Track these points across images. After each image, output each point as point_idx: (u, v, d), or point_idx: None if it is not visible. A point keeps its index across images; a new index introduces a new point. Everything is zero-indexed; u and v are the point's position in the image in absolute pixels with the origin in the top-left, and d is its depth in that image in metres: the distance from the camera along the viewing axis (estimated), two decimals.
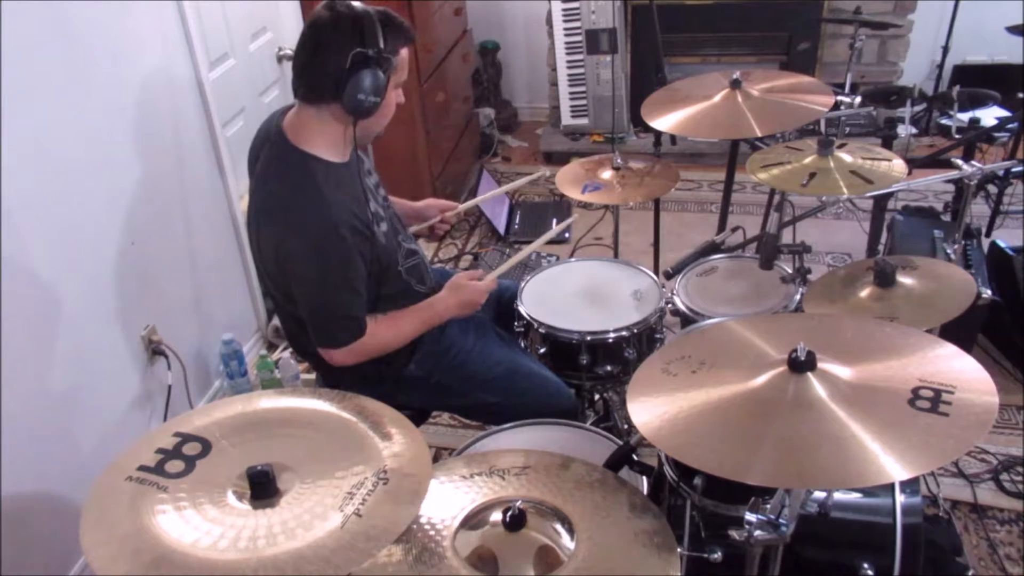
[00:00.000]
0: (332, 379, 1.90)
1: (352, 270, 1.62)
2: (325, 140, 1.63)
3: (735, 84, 2.17)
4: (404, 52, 1.62)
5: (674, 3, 4.06)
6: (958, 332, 1.54)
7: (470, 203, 2.27)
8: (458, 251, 3.66)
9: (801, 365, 1.11)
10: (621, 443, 1.48)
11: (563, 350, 1.94)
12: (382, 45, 1.55)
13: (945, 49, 3.86)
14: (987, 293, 1.84)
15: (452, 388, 1.86)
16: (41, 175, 1.93)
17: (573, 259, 2.33)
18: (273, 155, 1.65)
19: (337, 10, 1.55)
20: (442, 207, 2.12)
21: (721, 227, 2.99)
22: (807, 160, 1.89)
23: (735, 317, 1.78)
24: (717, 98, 2.17)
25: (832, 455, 1.00)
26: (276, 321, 3.05)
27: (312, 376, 2.79)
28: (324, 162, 1.63)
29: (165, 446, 1.16)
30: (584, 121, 4.38)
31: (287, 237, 1.59)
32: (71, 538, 1.10)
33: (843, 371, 1.12)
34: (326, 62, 1.54)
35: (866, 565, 1.35)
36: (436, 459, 2.31)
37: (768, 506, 1.18)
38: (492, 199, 3.88)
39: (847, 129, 3.10)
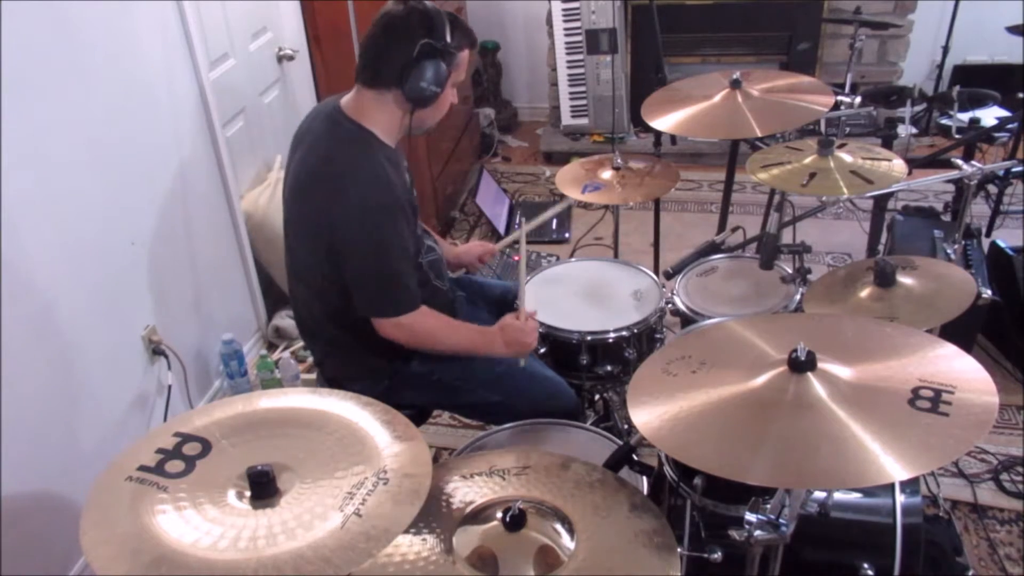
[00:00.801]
0: (333, 378, 1.90)
1: (407, 241, 1.68)
2: (382, 123, 1.70)
3: (735, 84, 2.17)
4: (465, 53, 1.71)
5: (674, 3, 4.06)
6: (958, 332, 1.54)
7: (506, 241, 2.34)
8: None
9: (801, 365, 1.11)
10: (621, 443, 1.48)
11: (563, 350, 1.94)
12: (448, 40, 1.63)
13: (945, 49, 3.87)
14: (987, 293, 1.84)
15: (454, 386, 1.86)
16: (41, 175, 1.93)
17: (573, 259, 2.33)
18: (332, 126, 1.70)
19: (410, 4, 1.64)
20: (480, 254, 2.17)
21: (721, 227, 2.99)
22: (807, 160, 1.89)
23: (735, 317, 1.78)
24: (717, 98, 2.17)
25: (832, 455, 1.00)
26: (276, 321, 3.05)
27: (312, 376, 2.79)
28: (380, 140, 1.70)
29: (165, 446, 1.16)
30: (584, 121, 4.38)
31: (350, 198, 1.62)
32: (71, 538, 1.10)
33: (843, 371, 1.12)
34: (395, 49, 1.62)
35: (866, 565, 1.35)
36: (436, 459, 2.31)
37: (768, 506, 1.18)
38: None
39: (847, 129, 3.10)
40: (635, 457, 1.43)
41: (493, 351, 1.79)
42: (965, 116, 2.96)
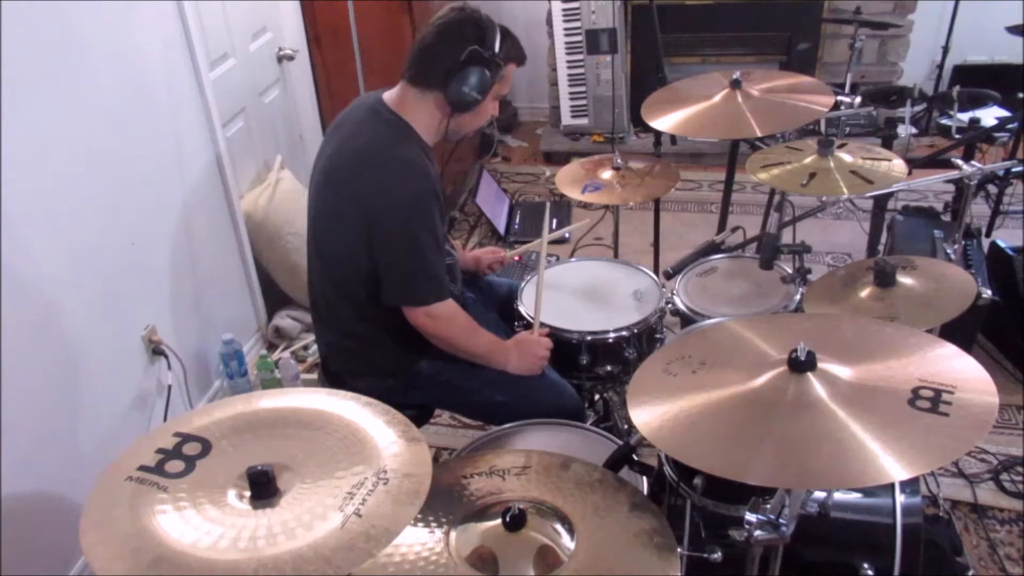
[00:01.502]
0: (336, 373, 1.91)
1: (440, 231, 1.70)
2: (422, 121, 1.73)
3: (735, 84, 2.17)
4: (511, 67, 1.75)
5: (674, 3, 4.07)
6: (958, 332, 1.54)
7: (518, 251, 2.39)
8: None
9: (801, 365, 1.11)
10: (621, 443, 1.48)
11: (563, 350, 1.94)
12: (496, 50, 1.67)
13: (945, 49, 3.87)
14: (987, 293, 1.84)
15: (461, 386, 1.87)
16: (41, 175, 1.93)
17: (573, 259, 2.33)
18: (374, 116, 1.72)
19: (467, 12, 1.68)
20: (490, 262, 2.20)
21: (721, 227, 2.99)
22: (807, 160, 1.89)
23: (735, 317, 1.78)
24: (717, 98, 2.17)
25: (832, 455, 1.00)
26: (276, 321, 3.05)
27: (312, 376, 2.80)
28: (419, 136, 1.72)
29: (165, 446, 1.16)
30: (584, 121, 4.38)
31: (391, 184, 1.64)
32: (71, 538, 1.10)
33: (843, 371, 1.12)
34: (444, 50, 1.66)
35: (866, 565, 1.35)
36: (436, 459, 2.31)
37: (768, 506, 1.18)
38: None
39: (847, 129, 3.11)
40: (635, 457, 1.43)
41: (505, 364, 1.81)
42: (965, 116, 2.96)
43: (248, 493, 1.07)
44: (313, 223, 1.82)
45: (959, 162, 1.91)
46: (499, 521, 1.19)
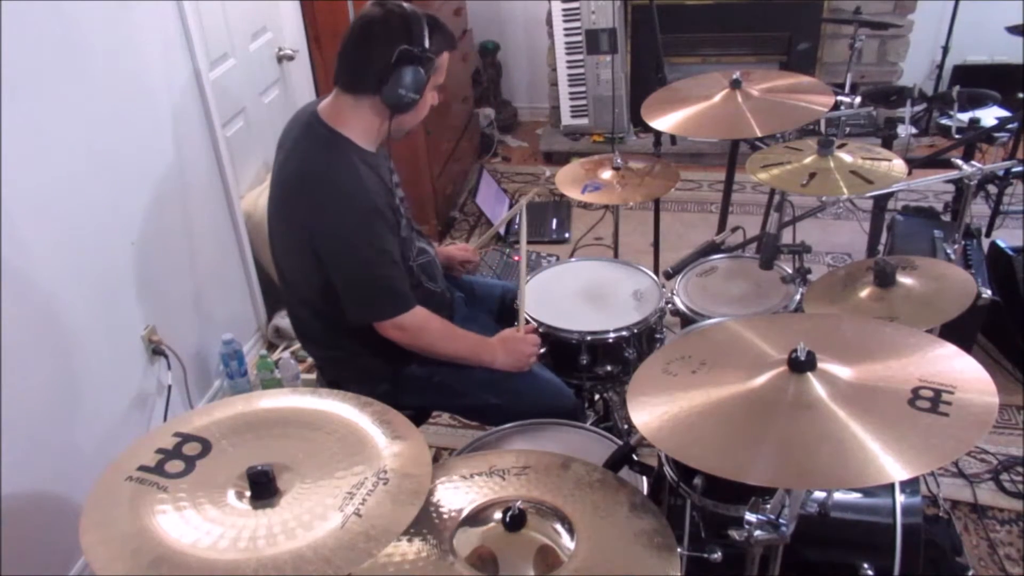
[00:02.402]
0: (333, 378, 1.90)
1: (389, 244, 1.67)
2: (359, 128, 1.68)
3: (735, 84, 2.17)
4: (445, 56, 1.68)
5: (674, 3, 4.06)
6: (958, 332, 1.54)
7: (483, 239, 2.42)
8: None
9: (801, 365, 1.11)
10: (621, 443, 1.48)
11: (563, 350, 1.94)
12: (427, 45, 1.61)
13: (945, 49, 3.87)
14: (987, 293, 1.84)
15: (454, 388, 1.86)
16: (41, 175, 1.93)
17: (573, 259, 2.33)
18: (308, 133, 1.68)
19: (388, 7, 1.62)
20: (461, 260, 2.16)
21: (721, 227, 2.99)
22: (807, 160, 1.89)
23: (735, 317, 1.78)
24: (717, 98, 2.17)
25: (832, 455, 1.00)
26: (276, 321, 3.05)
27: (312, 376, 2.79)
28: (357, 145, 1.68)
29: (165, 446, 1.16)
30: (584, 121, 4.38)
31: (327, 207, 1.61)
32: (71, 538, 1.10)
33: (843, 371, 1.12)
34: (372, 55, 1.60)
35: (866, 565, 1.35)
36: (436, 459, 2.31)
37: (768, 506, 1.18)
38: (493, 208, 3.88)
39: (847, 129, 3.10)
40: (635, 457, 1.43)
41: (492, 362, 1.80)
42: (965, 116, 2.96)
43: (248, 493, 1.07)
44: (273, 250, 1.82)
45: (959, 162, 1.91)
46: (499, 521, 1.19)
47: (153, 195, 2.38)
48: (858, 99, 2.71)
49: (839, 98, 2.65)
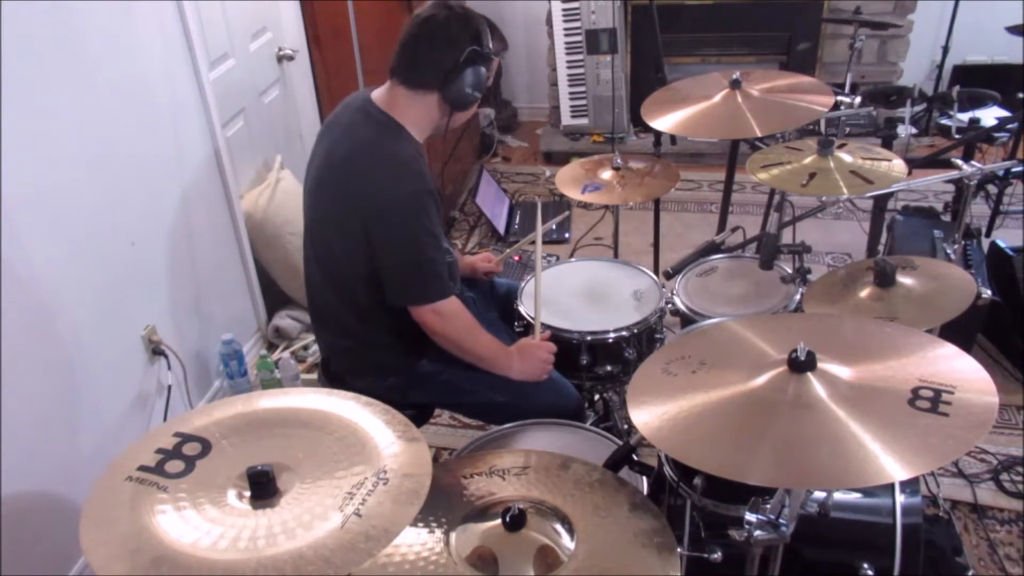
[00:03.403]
0: (336, 373, 1.90)
1: (438, 229, 1.69)
2: (413, 119, 1.71)
3: (735, 84, 2.17)
4: (496, 60, 1.73)
5: (674, 3, 4.07)
6: (958, 332, 1.54)
7: (509, 252, 2.40)
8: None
9: (801, 365, 1.11)
10: (621, 443, 1.48)
11: (563, 350, 1.94)
12: (491, 46, 1.67)
13: (945, 49, 3.87)
14: (987, 293, 1.84)
15: (462, 386, 1.86)
16: (41, 175, 1.93)
17: (573, 259, 2.33)
18: (366, 118, 1.71)
19: (453, 9, 1.66)
20: (484, 271, 2.18)
21: (721, 227, 2.99)
22: (807, 160, 1.89)
23: (735, 317, 1.78)
24: (717, 98, 2.17)
25: (832, 455, 1.00)
26: (276, 321, 3.05)
27: (313, 376, 2.80)
28: (410, 134, 1.71)
29: (165, 446, 1.16)
30: (584, 121, 4.38)
31: (386, 184, 1.63)
32: (71, 538, 1.10)
33: (843, 371, 1.12)
34: (440, 54, 1.64)
35: (866, 565, 1.35)
36: (436, 459, 2.31)
37: (768, 506, 1.18)
38: (492, 206, 3.88)
39: (847, 129, 3.11)
40: (635, 457, 1.43)
41: (508, 370, 1.80)
42: (965, 116, 2.97)
43: (248, 493, 1.07)
44: (310, 228, 1.82)
45: (959, 162, 1.91)
46: (499, 521, 1.19)
47: (153, 195, 2.38)
48: (858, 99, 2.71)
49: (839, 98, 2.65)
